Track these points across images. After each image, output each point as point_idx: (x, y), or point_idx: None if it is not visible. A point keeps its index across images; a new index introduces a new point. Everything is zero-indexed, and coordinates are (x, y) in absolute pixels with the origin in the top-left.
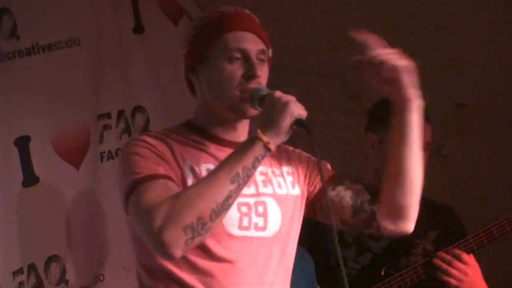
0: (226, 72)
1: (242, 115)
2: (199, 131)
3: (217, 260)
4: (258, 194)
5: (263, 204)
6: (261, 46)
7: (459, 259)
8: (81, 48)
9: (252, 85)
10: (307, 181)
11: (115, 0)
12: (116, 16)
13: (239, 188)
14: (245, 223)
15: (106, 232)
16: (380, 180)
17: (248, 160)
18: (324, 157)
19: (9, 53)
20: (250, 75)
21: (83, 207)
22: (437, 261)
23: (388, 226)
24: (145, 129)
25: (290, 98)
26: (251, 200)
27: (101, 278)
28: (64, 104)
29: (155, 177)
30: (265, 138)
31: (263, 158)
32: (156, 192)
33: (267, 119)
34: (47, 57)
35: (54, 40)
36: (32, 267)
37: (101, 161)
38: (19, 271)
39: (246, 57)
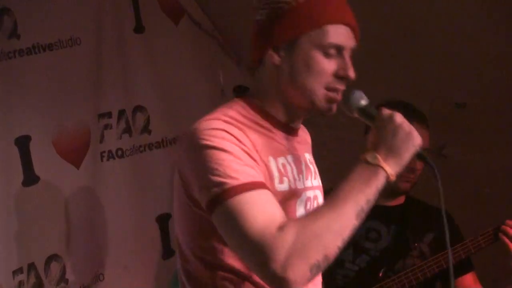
0: (319, 65)
1: (321, 113)
2: (269, 117)
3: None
4: (313, 187)
5: (316, 198)
6: (354, 43)
7: None
8: (82, 47)
9: (341, 87)
10: None
11: (116, 0)
12: (117, 16)
13: (359, 222)
14: None
15: (106, 232)
16: None
17: (372, 193)
18: (326, 157)
19: (10, 53)
20: (344, 75)
21: (83, 206)
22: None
23: None
24: (145, 129)
25: (410, 126)
26: (310, 193)
27: (101, 277)
28: (64, 103)
29: (256, 186)
30: (389, 170)
31: (381, 189)
32: (266, 213)
33: (388, 145)
34: (47, 56)
35: (54, 39)
36: (32, 266)
37: (101, 160)
38: (19, 270)
39: (341, 54)
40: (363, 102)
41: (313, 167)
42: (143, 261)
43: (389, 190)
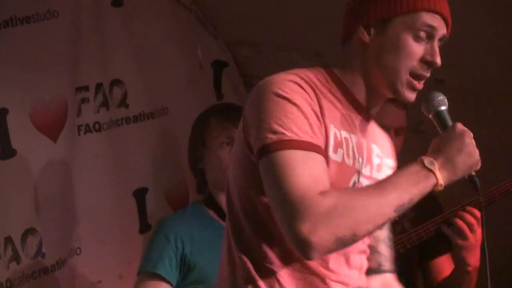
0: (408, 48)
1: (400, 99)
2: (344, 90)
3: None
4: (370, 177)
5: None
6: (445, 31)
7: (474, 216)
8: (59, 20)
9: (426, 72)
10: None
11: None
12: None
13: (396, 216)
14: None
15: (82, 206)
16: None
17: (417, 193)
18: None
19: None
20: (431, 61)
21: (60, 180)
22: (458, 221)
23: None
24: (122, 103)
25: (475, 150)
26: (365, 182)
27: (78, 251)
28: (42, 77)
29: (312, 148)
30: (440, 179)
31: (427, 194)
32: (313, 175)
33: (449, 158)
34: (25, 29)
35: (32, 12)
36: (8, 240)
37: (79, 134)
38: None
39: (431, 39)
40: (443, 107)
41: (380, 161)
42: (119, 235)
43: None
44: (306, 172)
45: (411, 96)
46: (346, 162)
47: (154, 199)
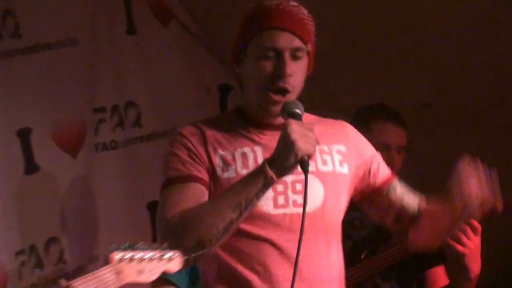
0: (258, 68)
1: (266, 113)
2: (243, 116)
3: (256, 239)
4: (297, 173)
5: (302, 182)
6: (296, 43)
7: (474, 230)
8: (79, 47)
9: (282, 84)
10: (364, 169)
11: (110, 4)
12: (110, 19)
13: (242, 215)
14: (281, 201)
15: (100, 217)
16: None
17: (251, 192)
18: None
19: (12, 51)
20: (279, 74)
21: (79, 193)
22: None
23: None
24: (137, 123)
25: (301, 133)
26: (289, 179)
27: (97, 258)
28: (63, 99)
29: (183, 179)
30: (270, 173)
31: (268, 188)
32: (180, 199)
33: (277, 151)
34: (47, 55)
35: (53, 39)
36: (33, 248)
37: (96, 151)
38: (21, 252)
39: (278, 56)
40: (297, 109)
41: (320, 156)
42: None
43: None
44: (169, 201)
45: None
46: (241, 173)
47: None
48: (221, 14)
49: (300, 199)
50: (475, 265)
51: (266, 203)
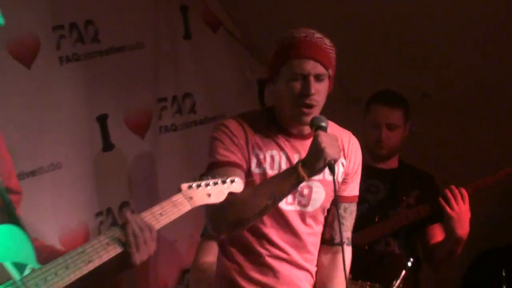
0: (289, 87)
1: (298, 123)
2: (273, 121)
3: (269, 227)
4: (307, 180)
5: (309, 188)
6: (319, 70)
7: (462, 197)
8: (145, 50)
9: (308, 101)
10: (345, 181)
11: (170, 14)
12: (171, 26)
13: (274, 204)
14: (289, 200)
15: (162, 185)
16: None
17: (285, 188)
18: None
19: (92, 53)
20: (304, 93)
21: (145, 166)
22: (448, 193)
23: None
24: (192, 110)
25: (329, 142)
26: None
27: None
28: (133, 91)
29: (225, 164)
30: (301, 173)
31: (298, 185)
32: None
33: (308, 156)
34: (120, 56)
35: (125, 43)
36: (109, 210)
37: (160, 133)
38: (100, 213)
39: (305, 79)
40: (323, 123)
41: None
42: None
43: (375, 156)
44: None
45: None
46: (268, 173)
47: None
48: (258, 22)
49: (304, 201)
50: (459, 229)
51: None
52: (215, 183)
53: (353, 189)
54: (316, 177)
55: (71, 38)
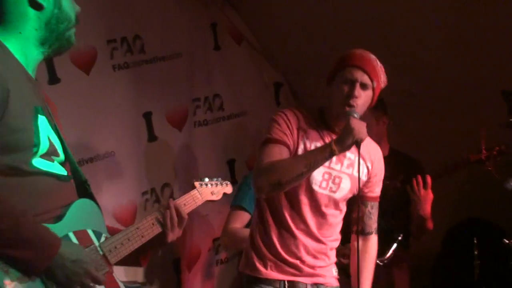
0: (340, 89)
1: (341, 120)
2: (323, 119)
3: (300, 204)
4: (339, 171)
5: (340, 178)
6: (365, 79)
7: (424, 184)
8: (182, 59)
9: (351, 101)
10: (369, 183)
11: (202, 30)
12: (202, 39)
13: (309, 171)
14: (323, 185)
15: (197, 169)
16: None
17: (318, 159)
18: None
19: (139, 62)
20: (349, 94)
21: (183, 154)
22: (414, 182)
23: None
24: (220, 108)
25: (358, 126)
26: (334, 173)
27: None
28: (172, 92)
29: (277, 141)
30: (334, 148)
31: (330, 158)
32: (271, 152)
33: (341, 135)
34: (162, 64)
35: (166, 54)
36: (153, 190)
37: (194, 126)
38: (146, 192)
39: (353, 83)
40: (355, 115)
41: (349, 161)
42: None
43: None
44: (268, 153)
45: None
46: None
47: (238, 165)
48: (274, 36)
49: (334, 188)
50: (421, 210)
51: (315, 182)
52: (217, 185)
53: (377, 191)
54: (346, 171)
55: (122, 49)
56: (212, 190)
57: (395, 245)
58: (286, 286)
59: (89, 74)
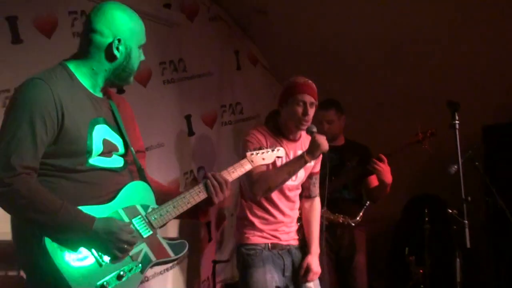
0: (295, 110)
1: (298, 131)
2: (280, 132)
3: (276, 199)
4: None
5: (296, 174)
6: (312, 100)
7: (382, 159)
8: (213, 77)
9: (306, 118)
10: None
11: (227, 54)
12: (228, 61)
13: (289, 177)
14: (293, 177)
15: (221, 158)
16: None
17: (296, 167)
18: None
19: (182, 78)
20: (304, 113)
21: (214, 146)
22: (374, 159)
23: None
24: (240, 112)
25: (322, 140)
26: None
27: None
28: (206, 100)
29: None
30: (307, 159)
31: (304, 165)
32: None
33: (311, 148)
34: (198, 80)
35: (201, 72)
36: (191, 171)
37: (221, 125)
38: (186, 173)
39: (304, 105)
40: (314, 129)
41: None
42: None
43: (328, 137)
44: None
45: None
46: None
47: None
48: (281, 60)
49: (294, 177)
50: (385, 178)
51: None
52: (268, 151)
53: (317, 167)
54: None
55: (170, 69)
56: (263, 156)
57: (363, 209)
58: (269, 247)
59: (146, 87)
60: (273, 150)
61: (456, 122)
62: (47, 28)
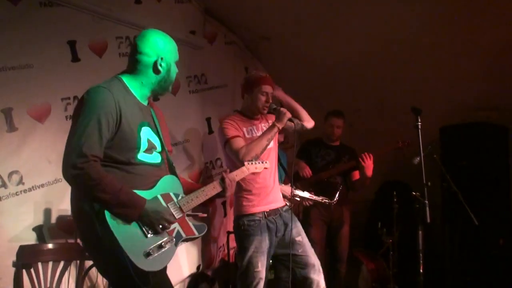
0: (259, 98)
1: (261, 114)
2: (246, 115)
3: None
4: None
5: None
6: (272, 90)
7: (368, 156)
8: (228, 88)
9: (267, 104)
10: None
11: (240, 70)
12: (239, 76)
13: (268, 144)
14: (264, 158)
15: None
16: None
17: (272, 133)
18: None
19: (204, 89)
20: (267, 101)
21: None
22: (364, 155)
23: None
24: None
25: (285, 110)
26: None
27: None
28: (223, 107)
29: (235, 137)
30: (278, 126)
31: (277, 132)
32: (238, 143)
33: (278, 117)
34: (216, 90)
35: (218, 84)
36: (211, 162)
37: None
38: (206, 163)
39: (267, 95)
40: (274, 106)
41: (266, 127)
42: None
43: (330, 140)
44: (235, 144)
45: (265, 111)
46: (247, 136)
47: None
48: (283, 74)
49: (266, 157)
50: (367, 173)
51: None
52: (259, 163)
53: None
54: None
55: (194, 81)
56: (256, 166)
57: (337, 193)
58: (266, 215)
59: (175, 96)
60: (263, 163)
61: (419, 123)
62: (99, 50)
